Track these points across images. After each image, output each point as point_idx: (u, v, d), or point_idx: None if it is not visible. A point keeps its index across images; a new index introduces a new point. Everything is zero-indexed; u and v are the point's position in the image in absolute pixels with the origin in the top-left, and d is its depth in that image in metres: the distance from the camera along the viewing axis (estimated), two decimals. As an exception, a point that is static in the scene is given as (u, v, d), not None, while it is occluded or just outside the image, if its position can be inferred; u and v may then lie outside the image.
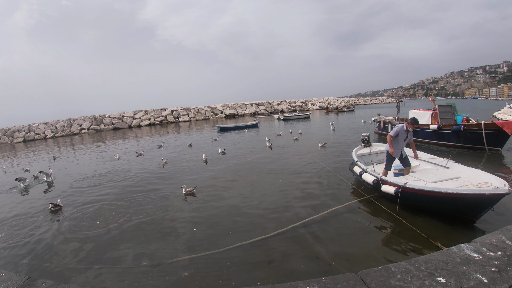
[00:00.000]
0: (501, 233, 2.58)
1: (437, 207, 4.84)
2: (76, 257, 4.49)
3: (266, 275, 3.67)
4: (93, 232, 5.36)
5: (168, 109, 41.89)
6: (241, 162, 10.72)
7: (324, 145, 12.63)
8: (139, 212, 6.21)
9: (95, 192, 8.03)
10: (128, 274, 3.92)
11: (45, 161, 15.02)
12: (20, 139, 31.33)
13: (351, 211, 5.48)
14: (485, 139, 9.89)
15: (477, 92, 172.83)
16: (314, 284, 2.08)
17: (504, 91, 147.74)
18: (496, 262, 2.12)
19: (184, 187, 7.21)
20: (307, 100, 59.20)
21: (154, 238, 4.95)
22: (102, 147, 19.04)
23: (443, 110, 11.95)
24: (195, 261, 4.10)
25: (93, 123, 35.99)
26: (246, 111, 46.77)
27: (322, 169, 8.67)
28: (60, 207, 6.77)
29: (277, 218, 5.39)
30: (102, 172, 10.70)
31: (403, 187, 4.94)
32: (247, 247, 4.39)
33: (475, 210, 4.37)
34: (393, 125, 14.15)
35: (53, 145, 24.53)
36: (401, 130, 5.79)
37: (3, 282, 2.43)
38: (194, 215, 5.84)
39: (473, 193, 4.15)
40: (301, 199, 6.29)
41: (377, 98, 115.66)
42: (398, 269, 2.16)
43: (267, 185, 7.54)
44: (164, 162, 11.23)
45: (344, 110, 45.99)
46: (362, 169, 6.47)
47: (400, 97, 26.68)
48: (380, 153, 7.97)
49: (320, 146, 12.52)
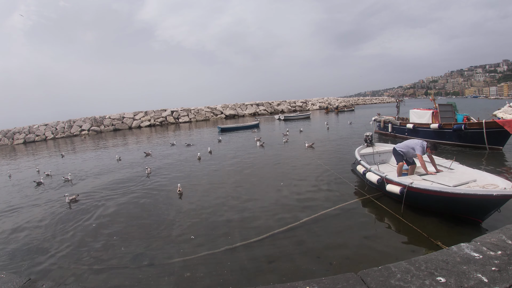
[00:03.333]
0: (501, 232, 2.57)
1: (443, 207, 4.77)
2: (76, 258, 4.50)
3: (266, 275, 3.67)
4: (94, 233, 5.37)
5: (168, 110, 41.88)
6: (241, 162, 10.72)
7: (312, 145, 12.69)
8: (140, 213, 6.21)
9: (95, 192, 8.04)
10: (128, 275, 3.92)
11: (54, 161, 15.05)
12: (21, 140, 31.35)
13: (351, 211, 5.47)
14: (486, 138, 9.87)
15: (477, 91, 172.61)
16: (314, 284, 2.07)
17: (504, 90, 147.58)
18: (496, 262, 2.11)
19: (179, 185, 7.49)
20: (307, 100, 59.17)
21: (154, 239, 4.94)
22: (102, 148, 19.05)
23: (443, 109, 11.94)
24: (195, 261, 4.10)
25: (93, 124, 36.00)
26: (246, 112, 46.75)
27: (322, 169, 8.66)
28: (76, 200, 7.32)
29: (277, 218, 5.39)
30: (101, 172, 10.72)
31: (409, 186, 4.89)
32: (247, 247, 4.39)
33: (482, 211, 4.31)
34: (394, 124, 14.15)
35: (53, 146, 24.55)
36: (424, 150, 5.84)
37: (4, 283, 2.43)
38: (194, 216, 5.84)
39: (480, 193, 4.10)
40: (301, 199, 6.28)
41: (377, 98, 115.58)
42: (398, 268, 2.16)
43: (267, 185, 7.53)
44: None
45: (344, 110, 45.98)
46: (366, 168, 6.43)
47: (400, 97, 26.72)
48: (383, 153, 7.95)
49: (307, 146, 12.63)
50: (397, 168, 6.16)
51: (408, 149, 6.03)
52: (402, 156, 6.11)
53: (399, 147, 6.19)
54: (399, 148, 6.17)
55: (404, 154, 6.07)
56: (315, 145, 12.83)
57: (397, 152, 6.17)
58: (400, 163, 6.13)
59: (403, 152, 6.08)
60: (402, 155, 6.10)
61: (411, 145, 6.00)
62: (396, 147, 6.25)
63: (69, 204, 7.07)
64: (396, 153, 6.24)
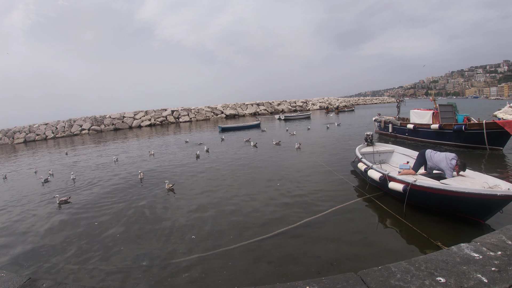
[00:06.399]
0: (501, 232, 2.57)
1: (445, 207, 4.74)
2: (76, 257, 4.50)
3: (267, 275, 3.67)
4: (94, 233, 5.37)
5: (169, 110, 41.91)
6: (241, 161, 10.73)
7: (279, 143, 13.36)
8: (139, 213, 6.21)
9: (95, 192, 8.04)
10: (128, 275, 3.92)
11: (59, 159, 15.06)
12: (21, 140, 31.38)
13: (351, 211, 5.47)
14: (486, 139, 9.86)
15: (477, 92, 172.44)
16: (314, 284, 2.08)
17: (504, 90, 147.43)
18: (496, 262, 2.11)
19: (167, 182, 7.79)
20: (308, 100, 59.17)
21: (155, 239, 4.95)
22: (101, 147, 19.06)
23: (444, 109, 11.93)
24: (195, 261, 4.10)
25: (94, 123, 36.02)
26: (246, 111, 46.76)
27: (322, 169, 8.66)
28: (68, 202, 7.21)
29: (277, 218, 5.38)
30: (102, 172, 10.73)
31: (412, 184, 4.84)
32: (248, 247, 4.39)
33: (485, 211, 4.30)
34: (394, 124, 14.14)
35: (53, 145, 24.57)
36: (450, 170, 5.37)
37: (4, 282, 2.44)
38: (194, 216, 5.84)
39: (484, 193, 4.09)
40: (301, 199, 6.28)
41: (378, 98, 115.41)
42: (398, 268, 2.16)
43: (267, 185, 7.52)
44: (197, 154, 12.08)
45: (345, 110, 46.00)
46: (368, 166, 6.38)
47: (401, 97, 26.69)
48: (383, 152, 7.94)
49: (274, 143, 13.17)
50: (406, 171, 5.81)
51: (435, 165, 5.61)
52: (422, 165, 5.71)
53: (430, 162, 5.66)
54: (430, 162, 5.66)
55: (430, 168, 5.69)
56: (307, 145, 12.86)
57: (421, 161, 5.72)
58: (412, 171, 5.72)
59: (429, 166, 5.68)
60: (425, 165, 5.70)
61: (441, 165, 5.47)
62: (427, 159, 5.71)
63: (59, 205, 7.06)
64: (420, 160, 5.78)
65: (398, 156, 7.73)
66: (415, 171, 5.83)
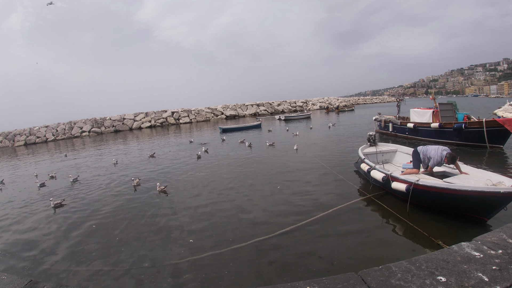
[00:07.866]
0: (502, 231, 2.57)
1: (449, 205, 4.72)
2: (77, 259, 4.50)
3: (267, 275, 3.67)
4: (94, 234, 5.38)
5: (169, 111, 41.94)
6: (241, 161, 10.74)
7: (272, 144, 13.52)
8: (139, 214, 6.21)
9: (94, 195, 8.05)
10: (129, 276, 3.92)
11: (57, 161, 15.08)
12: (21, 142, 31.44)
13: (351, 211, 5.47)
14: (486, 137, 9.86)
15: (477, 90, 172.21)
16: (315, 284, 2.07)
17: (504, 88, 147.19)
18: (497, 261, 2.11)
19: (158, 184, 7.86)
20: (308, 100, 59.19)
21: (155, 240, 4.95)
22: (102, 149, 19.08)
23: (444, 108, 11.93)
24: (196, 262, 4.11)
25: (94, 125, 36.08)
26: (246, 112, 46.76)
27: (322, 169, 8.66)
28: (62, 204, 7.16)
29: (278, 218, 5.39)
30: (102, 170, 10.73)
31: (415, 183, 4.84)
32: (248, 247, 4.39)
33: (488, 209, 4.29)
34: (394, 124, 14.13)
35: (54, 148, 24.60)
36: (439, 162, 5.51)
37: (5, 285, 2.44)
38: (194, 216, 5.84)
39: (488, 191, 4.08)
40: (301, 199, 6.28)
41: (378, 97, 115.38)
42: (399, 268, 2.16)
43: (268, 185, 7.52)
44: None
45: (345, 110, 46.00)
46: (371, 166, 6.38)
47: (401, 96, 26.66)
48: (386, 152, 7.93)
49: (268, 144, 13.31)
50: (409, 170, 5.84)
51: (425, 156, 5.72)
52: (420, 161, 5.77)
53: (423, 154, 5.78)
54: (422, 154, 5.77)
55: (423, 160, 5.77)
56: (316, 144, 12.87)
57: (417, 157, 5.82)
58: (415, 169, 5.77)
59: (422, 158, 5.75)
60: (421, 161, 5.77)
61: (431, 153, 5.61)
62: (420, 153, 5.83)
63: (54, 209, 7.04)
64: (416, 157, 5.87)
65: (402, 156, 7.70)
66: (416, 169, 5.84)
